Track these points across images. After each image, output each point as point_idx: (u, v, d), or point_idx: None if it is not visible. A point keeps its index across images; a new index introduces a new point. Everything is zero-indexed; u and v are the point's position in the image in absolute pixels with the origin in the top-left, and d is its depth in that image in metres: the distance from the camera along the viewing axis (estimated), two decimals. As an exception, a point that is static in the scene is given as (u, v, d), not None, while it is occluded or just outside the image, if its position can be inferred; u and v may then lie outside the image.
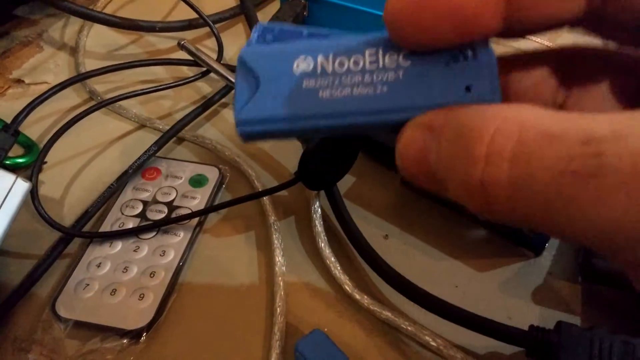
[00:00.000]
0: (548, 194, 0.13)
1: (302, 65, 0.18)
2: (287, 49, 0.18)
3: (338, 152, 0.33)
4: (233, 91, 0.41)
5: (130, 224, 0.33)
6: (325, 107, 0.18)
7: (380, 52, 0.18)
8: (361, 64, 0.18)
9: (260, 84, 0.18)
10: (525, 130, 0.13)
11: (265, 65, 0.18)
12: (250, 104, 0.18)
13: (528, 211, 0.14)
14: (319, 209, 0.34)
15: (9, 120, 0.35)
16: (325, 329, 0.29)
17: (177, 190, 0.35)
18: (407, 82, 0.18)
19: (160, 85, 0.40)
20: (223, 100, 0.41)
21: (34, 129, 0.39)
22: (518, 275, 0.31)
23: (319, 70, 0.18)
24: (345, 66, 0.18)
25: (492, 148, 0.14)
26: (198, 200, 0.34)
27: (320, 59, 0.18)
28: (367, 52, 0.18)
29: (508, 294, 0.30)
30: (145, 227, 0.33)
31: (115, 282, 0.31)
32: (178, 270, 0.31)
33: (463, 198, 0.15)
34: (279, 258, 0.32)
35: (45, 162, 0.37)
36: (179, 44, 0.42)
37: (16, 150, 0.37)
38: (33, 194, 0.32)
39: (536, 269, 0.31)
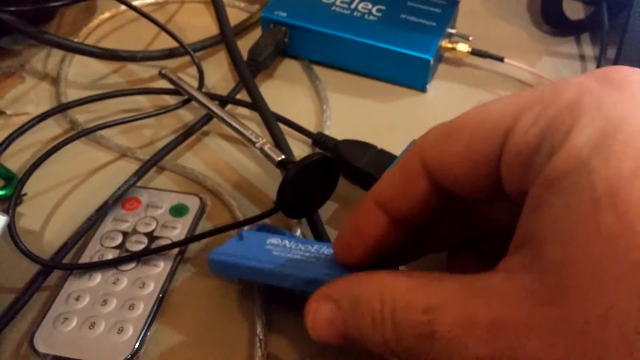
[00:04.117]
0: (412, 348, 0.19)
1: (273, 240, 0.29)
2: (268, 234, 0.30)
3: (316, 180, 0.33)
4: (214, 119, 0.41)
5: (110, 256, 0.33)
6: (275, 259, 0.27)
7: (324, 249, 0.28)
8: (310, 249, 0.28)
9: (241, 242, 0.29)
10: (396, 302, 0.20)
11: (249, 236, 0.30)
12: (225, 248, 0.29)
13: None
14: (301, 237, 0.34)
15: (-12, 153, 0.35)
16: None
17: (157, 221, 0.35)
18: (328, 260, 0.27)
19: (141, 115, 0.40)
20: (204, 128, 0.41)
21: (15, 160, 0.39)
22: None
23: (281, 244, 0.29)
24: (299, 247, 0.28)
25: (381, 315, 0.20)
26: (179, 230, 0.34)
27: (286, 240, 0.29)
28: (315, 246, 0.28)
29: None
30: (124, 258, 0.32)
31: (94, 316, 0.30)
32: (158, 302, 0.31)
33: (373, 348, 0.21)
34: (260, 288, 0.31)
35: (25, 194, 0.37)
36: (160, 72, 0.42)
37: (-4, 182, 0.37)
38: (11, 227, 0.32)
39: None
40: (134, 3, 0.48)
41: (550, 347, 0.16)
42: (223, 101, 0.42)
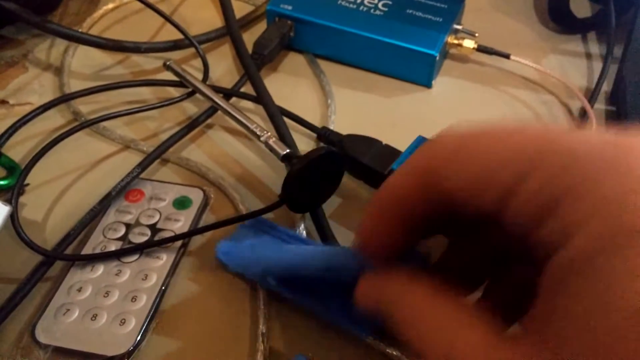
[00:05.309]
0: None
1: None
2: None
3: (322, 174, 0.32)
4: (218, 112, 0.41)
5: (112, 247, 0.33)
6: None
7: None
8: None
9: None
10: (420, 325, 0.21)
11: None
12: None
13: None
14: (304, 231, 0.34)
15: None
16: (310, 354, 0.29)
17: (160, 213, 0.35)
18: None
19: (145, 106, 0.40)
20: (208, 121, 0.41)
21: (18, 150, 0.39)
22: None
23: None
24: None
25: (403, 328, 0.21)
26: (182, 223, 0.34)
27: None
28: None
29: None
30: (127, 250, 0.32)
31: (96, 307, 0.30)
32: (160, 294, 0.31)
33: None
34: (262, 281, 0.31)
35: (28, 184, 0.37)
36: (164, 64, 0.41)
37: (-1, 172, 0.37)
38: (13, 217, 0.32)
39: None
40: (139, -6, 0.47)
41: None
42: (227, 94, 0.42)
